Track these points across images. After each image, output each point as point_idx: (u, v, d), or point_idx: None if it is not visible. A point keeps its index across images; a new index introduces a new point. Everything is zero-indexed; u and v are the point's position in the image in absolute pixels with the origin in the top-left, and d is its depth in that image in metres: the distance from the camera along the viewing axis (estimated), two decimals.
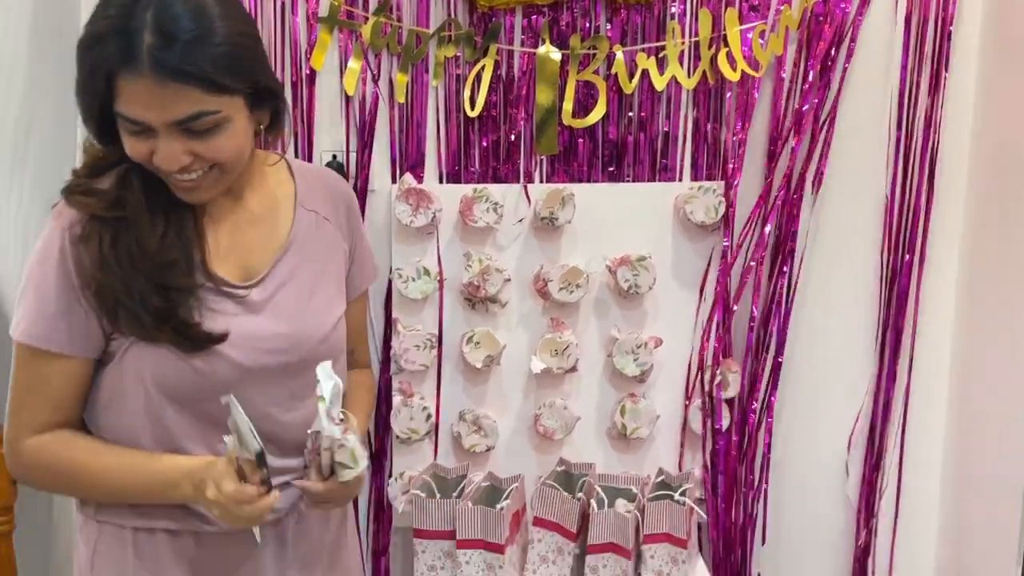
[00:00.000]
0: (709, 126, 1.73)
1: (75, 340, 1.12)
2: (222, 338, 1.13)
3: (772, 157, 1.75)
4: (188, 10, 1.03)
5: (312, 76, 1.67)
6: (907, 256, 1.78)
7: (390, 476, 1.77)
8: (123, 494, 1.15)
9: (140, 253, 1.10)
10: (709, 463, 1.79)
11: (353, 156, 1.71)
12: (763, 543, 1.86)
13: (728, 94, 1.72)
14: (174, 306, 1.11)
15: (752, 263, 1.77)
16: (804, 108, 1.72)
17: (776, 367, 1.80)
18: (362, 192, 1.71)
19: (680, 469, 1.78)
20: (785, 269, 1.77)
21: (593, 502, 1.56)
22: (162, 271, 1.11)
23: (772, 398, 1.81)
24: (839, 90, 1.73)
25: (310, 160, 1.70)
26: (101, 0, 1.06)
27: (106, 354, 1.15)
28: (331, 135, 1.70)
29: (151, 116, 1.03)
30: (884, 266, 1.79)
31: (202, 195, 1.13)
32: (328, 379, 1.11)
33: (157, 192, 1.12)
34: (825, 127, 1.74)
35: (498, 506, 1.53)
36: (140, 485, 1.13)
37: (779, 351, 1.80)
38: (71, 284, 1.11)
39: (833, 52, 1.71)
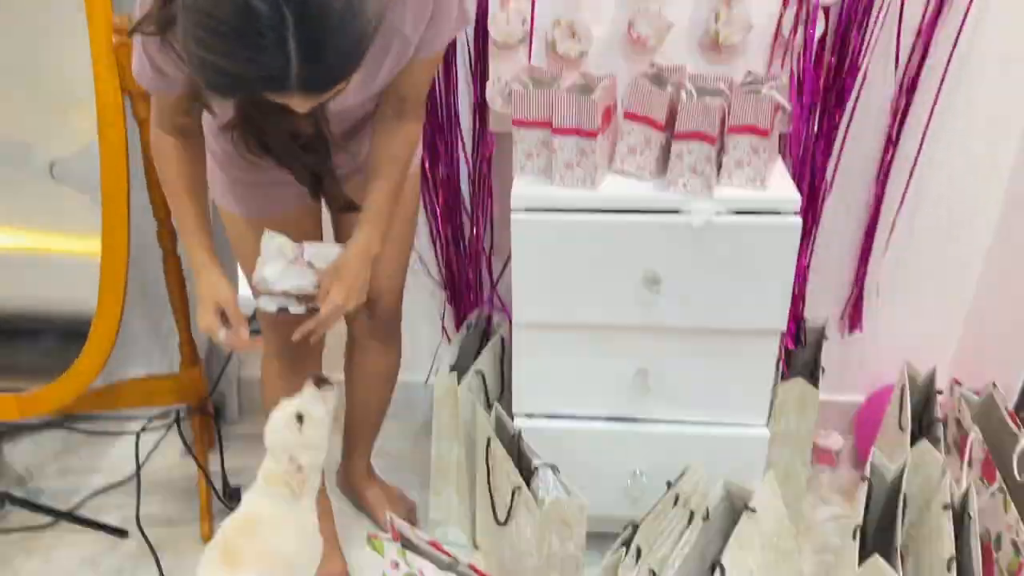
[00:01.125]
0: None
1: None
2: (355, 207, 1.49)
3: None
4: (330, 29, 1.02)
5: None
6: None
7: (487, 80, 1.86)
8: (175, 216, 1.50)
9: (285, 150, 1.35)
10: (799, 71, 1.82)
11: None
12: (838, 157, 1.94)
13: None
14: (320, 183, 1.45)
15: None
16: None
17: None
18: None
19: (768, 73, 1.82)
20: None
21: (683, 94, 1.63)
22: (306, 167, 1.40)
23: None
24: None
25: None
26: (215, 28, 1.00)
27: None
28: None
29: (295, 107, 1.12)
30: None
31: None
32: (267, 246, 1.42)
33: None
34: None
35: (592, 96, 1.61)
36: (181, 228, 1.48)
37: None
38: None
39: None
